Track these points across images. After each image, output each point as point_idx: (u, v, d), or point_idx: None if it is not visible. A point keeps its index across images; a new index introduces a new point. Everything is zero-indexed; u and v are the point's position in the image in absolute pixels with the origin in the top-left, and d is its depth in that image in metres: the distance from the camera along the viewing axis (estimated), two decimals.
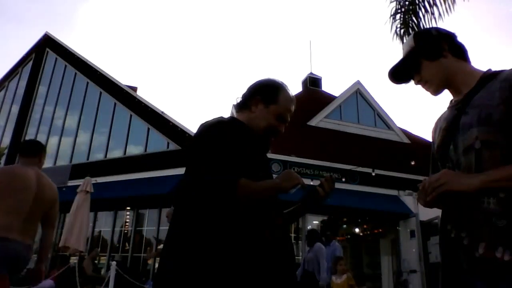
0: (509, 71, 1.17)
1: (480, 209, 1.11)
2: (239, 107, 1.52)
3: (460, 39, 1.32)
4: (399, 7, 5.16)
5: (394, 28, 5.16)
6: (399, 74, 1.39)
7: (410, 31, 5.00)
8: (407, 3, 5.12)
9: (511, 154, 1.08)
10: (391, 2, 5.19)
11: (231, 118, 1.50)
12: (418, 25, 4.99)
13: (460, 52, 1.29)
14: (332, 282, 5.12)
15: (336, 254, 5.61)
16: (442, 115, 1.37)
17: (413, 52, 1.32)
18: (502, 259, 1.04)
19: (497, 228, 1.07)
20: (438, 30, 1.33)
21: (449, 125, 1.27)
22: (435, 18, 4.90)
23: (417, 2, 5.04)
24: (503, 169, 1.08)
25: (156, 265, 10.06)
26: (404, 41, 5.03)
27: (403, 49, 1.40)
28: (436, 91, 1.33)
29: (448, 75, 1.28)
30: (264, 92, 1.48)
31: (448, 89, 1.33)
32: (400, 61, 1.38)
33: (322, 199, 1.50)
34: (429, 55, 1.29)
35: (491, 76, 1.20)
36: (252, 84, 1.54)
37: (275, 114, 1.47)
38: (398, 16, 5.16)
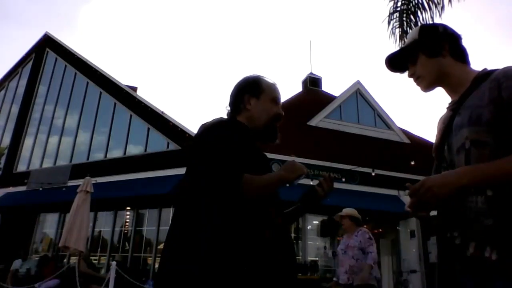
0: (498, 71, 1.17)
1: (469, 208, 1.12)
2: (234, 113, 1.54)
3: (463, 42, 1.32)
4: (397, 6, 5.17)
5: (391, 27, 5.18)
6: (396, 63, 1.40)
7: (409, 30, 5.02)
8: (404, 2, 5.13)
9: (499, 154, 1.08)
10: (389, 1, 5.21)
11: (231, 118, 1.52)
12: (416, 24, 5.00)
13: (460, 54, 1.30)
14: None
15: None
16: (441, 116, 1.39)
17: (414, 45, 1.33)
18: (490, 259, 1.04)
19: (485, 227, 1.07)
20: (445, 28, 1.33)
21: (444, 127, 1.28)
22: (432, 18, 4.92)
23: (414, 2, 5.05)
24: (487, 167, 1.07)
25: (156, 265, 10.07)
26: (401, 40, 5.06)
27: (407, 38, 1.42)
28: (426, 87, 1.34)
29: (441, 74, 1.30)
30: (249, 89, 1.52)
31: (445, 90, 1.34)
32: (400, 50, 1.40)
33: (321, 198, 1.50)
34: (428, 51, 1.30)
35: (484, 76, 1.21)
36: (233, 90, 1.57)
37: (269, 100, 1.52)
38: (395, 15, 5.18)
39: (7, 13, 68.67)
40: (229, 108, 1.56)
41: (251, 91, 1.52)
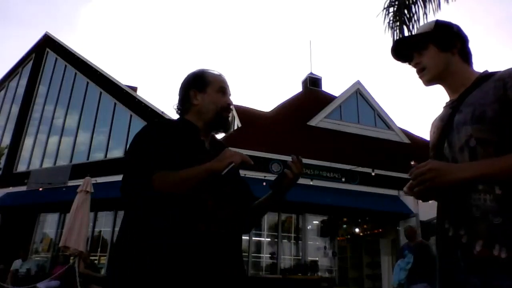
0: (503, 71, 1.19)
1: (476, 206, 1.12)
2: (184, 110, 1.53)
3: (470, 45, 1.35)
4: (393, 0, 5.21)
5: (386, 21, 5.22)
6: (402, 50, 1.40)
7: (404, 27, 5.06)
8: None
9: (504, 152, 1.09)
10: None
11: (168, 119, 1.56)
12: (410, 19, 5.04)
13: (466, 56, 1.32)
14: None
15: None
16: (438, 115, 1.39)
17: (427, 35, 1.34)
18: (499, 257, 1.04)
19: (493, 225, 1.07)
20: (458, 28, 1.35)
21: (443, 124, 1.29)
22: (426, 14, 4.96)
23: None
24: (493, 162, 1.09)
25: None
26: (396, 34, 5.10)
27: (419, 29, 1.41)
28: (428, 80, 1.34)
29: (447, 71, 1.31)
30: (194, 84, 1.51)
31: (445, 88, 1.35)
32: (412, 36, 1.43)
33: (291, 182, 1.44)
34: (441, 44, 1.31)
35: (486, 76, 1.23)
36: (180, 87, 1.56)
37: (215, 92, 1.50)
38: (391, 9, 5.21)
39: (7, 13, 68.71)
40: (177, 106, 1.54)
41: (196, 85, 1.50)
